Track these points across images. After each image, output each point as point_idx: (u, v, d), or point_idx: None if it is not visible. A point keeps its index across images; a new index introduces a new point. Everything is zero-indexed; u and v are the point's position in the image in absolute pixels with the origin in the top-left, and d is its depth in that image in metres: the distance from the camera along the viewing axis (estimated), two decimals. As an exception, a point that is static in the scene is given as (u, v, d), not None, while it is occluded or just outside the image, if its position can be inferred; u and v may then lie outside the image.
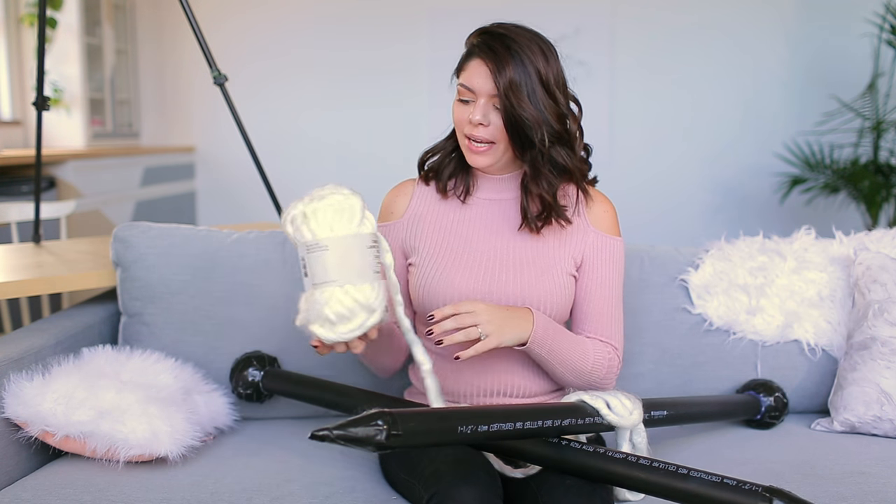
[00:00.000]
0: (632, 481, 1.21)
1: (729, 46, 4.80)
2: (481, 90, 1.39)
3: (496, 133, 1.40)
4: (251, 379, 1.69)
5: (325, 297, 1.21)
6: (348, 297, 1.20)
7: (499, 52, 1.37)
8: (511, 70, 1.36)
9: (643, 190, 4.85)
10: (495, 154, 1.43)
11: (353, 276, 1.20)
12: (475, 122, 1.39)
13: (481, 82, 1.39)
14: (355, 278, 1.20)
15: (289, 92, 5.04)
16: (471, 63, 1.41)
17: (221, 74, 2.37)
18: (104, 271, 1.84)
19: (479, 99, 1.40)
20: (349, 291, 1.20)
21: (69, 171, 3.81)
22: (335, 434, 1.02)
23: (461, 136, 1.44)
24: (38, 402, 1.41)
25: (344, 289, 1.20)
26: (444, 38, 4.75)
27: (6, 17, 4.23)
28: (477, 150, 1.42)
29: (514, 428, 1.18)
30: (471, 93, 1.40)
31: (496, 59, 1.37)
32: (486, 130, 1.40)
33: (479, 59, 1.39)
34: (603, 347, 1.47)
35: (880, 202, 4.06)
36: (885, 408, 1.66)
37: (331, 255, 1.20)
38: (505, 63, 1.36)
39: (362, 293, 1.21)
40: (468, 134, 1.42)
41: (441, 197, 1.53)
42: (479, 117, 1.39)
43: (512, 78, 1.36)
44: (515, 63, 1.36)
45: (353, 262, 1.20)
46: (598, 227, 1.50)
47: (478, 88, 1.39)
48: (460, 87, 1.42)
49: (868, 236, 1.90)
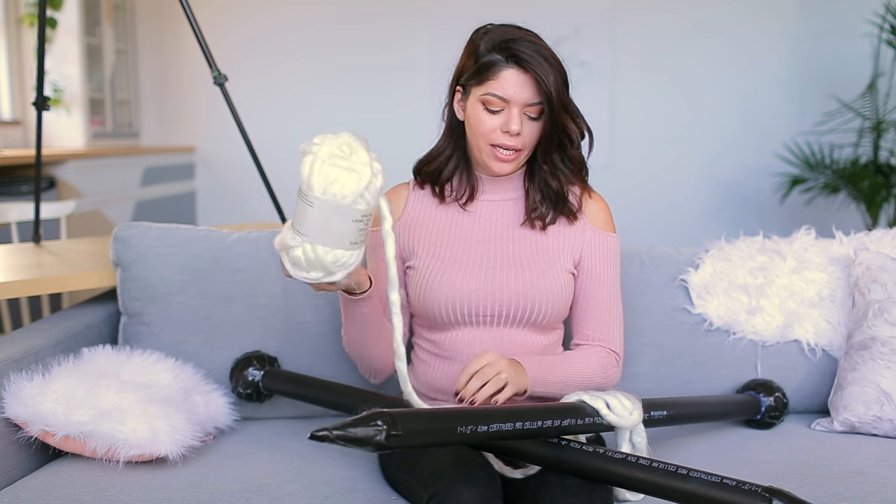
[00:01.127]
0: (631, 481, 1.21)
1: (729, 46, 4.81)
2: (516, 99, 1.38)
3: (527, 141, 1.41)
4: (251, 378, 1.69)
5: (295, 242, 1.23)
6: (312, 253, 1.22)
7: (536, 60, 1.36)
8: (552, 79, 1.36)
9: (643, 189, 4.86)
10: (520, 160, 1.44)
11: (324, 238, 1.21)
12: (514, 132, 1.39)
13: (518, 91, 1.38)
14: (326, 241, 1.22)
15: (289, 92, 5.04)
16: (503, 73, 1.38)
17: (221, 74, 2.37)
18: (104, 271, 1.84)
19: (511, 108, 1.39)
20: (316, 249, 1.22)
21: (69, 171, 3.81)
22: (335, 434, 1.03)
23: (484, 143, 1.43)
24: (38, 402, 1.41)
25: (312, 245, 1.22)
26: (444, 39, 4.75)
27: (6, 17, 4.24)
28: (507, 159, 1.42)
29: (513, 428, 1.18)
30: (503, 102, 1.39)
31: (536, 69, 1.36)
32: (517, 139, 1.40)
33: (514, 68, 1.38)
34: (598, 352, 1.48)
35: (880, 202, 4.06)
36: (885, 408, 1.66)
37: (314, 212, 1.20)
38: (546, 73, 1.36)
39: (327, 255, 1.22)
40: (498, 143, 1.41)
41: (438, 201, 1.53)
42: (516, 127, 1.38)
43: (558, 87, 1.37)
44: (553, 70, 1.37)
45: (331, 228, 1.21)
46: (594, 225, 1.51)
47: (513, 98, 1.38)
48: (489, 96, 1.39)
49: (868, 236, 1.90)
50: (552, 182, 1.46)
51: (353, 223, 1.21)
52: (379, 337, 1.47)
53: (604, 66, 4.85)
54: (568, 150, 1.44)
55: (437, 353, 1.50)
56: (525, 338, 1.48)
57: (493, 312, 1.46)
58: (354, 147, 1.21)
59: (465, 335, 1.48)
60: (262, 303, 1.77)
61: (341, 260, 1.23)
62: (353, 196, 1.19)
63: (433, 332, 1.51)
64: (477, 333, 1.47)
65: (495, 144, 1.42)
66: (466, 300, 1.45)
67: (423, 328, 1.54)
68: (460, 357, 1.48)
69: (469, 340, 1.47)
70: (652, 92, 4.89)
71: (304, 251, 1.22)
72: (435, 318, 1.48)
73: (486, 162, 1.45)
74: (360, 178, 1.19)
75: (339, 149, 1.21)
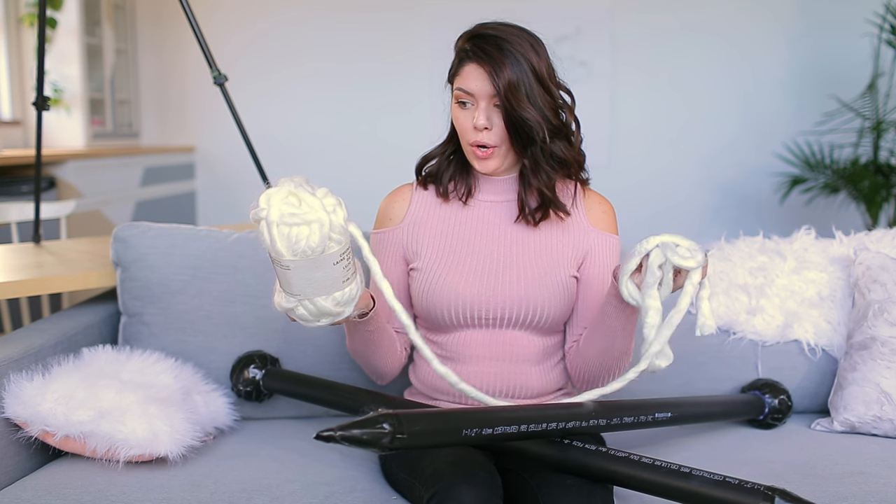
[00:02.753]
0: (633, 480, 1.21)
1: (729, 46, 4.81)
2: (480, 93, 1.39)
3: (500, 134, 1.40)
4: (252, 377, 1.69)
5: (291, 304, 1.24)
6: (313, 307, 1.23)
7: (492, 53, 1.36)
8: (508, 70, 1.36)
9: (643, 189, 4.86)
10: (500, 156, 1.43)
11: (316, 290, 1.21)
12: (480, 126, 1.39)
13: (479, 85, 1.38)
14: (320, 292, 1.21)
15: (289, 92, 5.04)
16: (465, 67, 1.40)
17: (221, 74, 2.36)
18: (104, 271, 1.84)
19: (479, 102, 1.39)
20: (315, 303, 1.23)
21: (69, 171, 3.81)
22: (340, 435, 1.03)
23: (465, 143, 1.44)
24: (38, 402, 1.41)
25: (310, 301, 1.22)
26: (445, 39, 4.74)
27: (6, 17, 4.23)
28: (485, 156, 1.42)
29: (518, 430, 1.18)
30: (469, 96, 1.40)
31: (491, 61, 1.36)
32: (490, 134, 1.40)
33: (473, 62, 1.39)
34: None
35: (880, 202, 4.06)
36: (885, 408, 1.66)
37: (294, 273, 1.19)
38: (501, 64, 1.36)
39: (327, 302, 1.23)
40: (474, 141, 1.42)
41: (442, 201, 1.53)
42: (483, 121, 1.39)
43: (510, 79, 1.36)
44: (510, 62, 1.36)
45: (317, 280, 1.20)
46: (598, 227, 1.51)
47: (476, 91, 1.39)
48: (458, 91, 1.41)
49: (868, 236, 1.90)
50: (534, 180, 1.44)
51: (335, 265, 1.20)
52: (385, 349, 1.48)
53: (604, 66, 4.85)
54: (543, 145, 1.40)
55: (439, 353, 1.50)
56: (527, 340, 1.48)
57: (495, 315, 1.46)
58: (300, 195, 1.18)
59: (467, 336, 1.48)
60: (263, 303, 1.77)
61: (344, 298, 1.23)
62: (320, 244, 1.17)
63: (435, 334, 1.51)
64: (479, 335, 1.47)
65: (472, 143, 1.42)
66: (469, 303, 1.45)
67: (425, 329, 1.54)
68: (462, 358, 1.48)
69: (471, 342, 1.47)
70: (652, 92, 4.89)
71: (306, 308, 1.23)
72: (437, 320, 1.48)
73: (474, 162, 1.45)
74: (319, 225, 1.16)
75: (286, 204, 1.17)
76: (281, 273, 1.21)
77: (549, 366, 1.51)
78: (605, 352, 1.42)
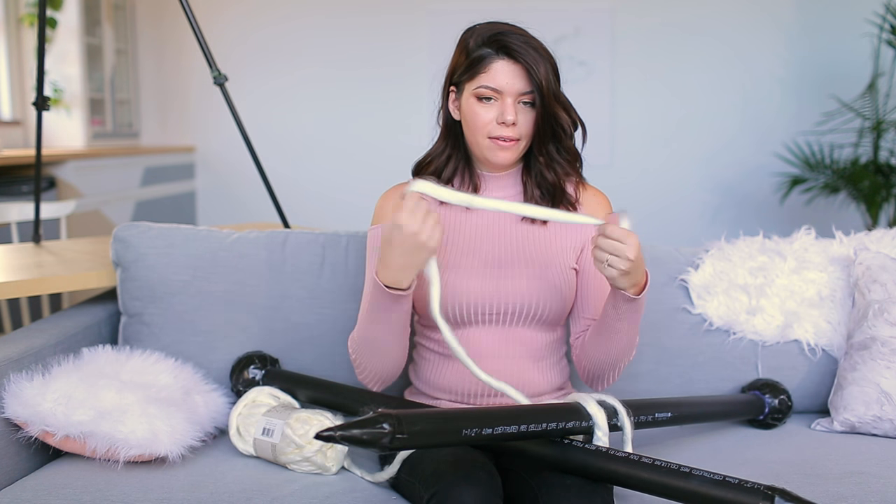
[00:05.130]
0: (633, 480, 1.21)
1: (729, 46, 4.81)
2: (509, 90, 1.40)
3: (523, 130, 1.43)
4: (252, 377, 1.69)
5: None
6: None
7: (526, 52, 1.39)
8: (542, 68, 1.39)
9: (643, 189, 4.86)
10: (519, 150, 1.45)
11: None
12: (510, 122, 1.41)
13: (510, 82, 1.40)
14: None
15: (289, 92, 5.04)
16: (494, 65, 1.40)
17: (221, 74, 2.36)
18: (104, 271, 1.84)
19: (505, 98, 1.41)
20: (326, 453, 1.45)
21: (69, 171, 3.81)
22: (340, 435, 1.03)
23: (482, 137, 1.44)
24: (38, 402, 1.41)
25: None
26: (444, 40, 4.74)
27: (6, 17, 4.24)
28: (507, 146, 1.44)
29: (518, 430, 1.18)
30: (495, 92, 1.41)
31: (526, 59, 1.39)
32: (514, 129, 1.42)
33: (504, 59, 1.40)
34: None
35: (880, 202, 4.06)
36: (885, 408, 1.66)
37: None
38: (536, 62, 1.39)
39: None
40: (495, 135, 1.43)
41: (440, 201, 1.53)
42: (511, 117, 1.40)
43: (547, 76, 1.39)
44: (543, 60, 1.40)
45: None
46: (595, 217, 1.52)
47: (506, 88, 1.40)
48: (482, 89, 1.41)
49: (868, 236, 1.90)
50: (548, 174, 1.47)
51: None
52: (402, 338, 1.45)
53: (604, 66, 4.85)
54: (563, 141, 1.45)
55: (440, 351, 1.50)
56: (530, 335, 1.48)
57: (498, 311, 1.46)
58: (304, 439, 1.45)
59: (469, 334, 1.47)
60: (262, 303, 1.77)
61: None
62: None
63: (437, 331, 1.51)
64: (481, 332, 1.47)
65: (493, 137, 1.43)
66: (472, 301, 1.45)
67: (426, 327, 1.54)
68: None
69: (473, 339, 1.47)
70: (652, 92, 4.89)
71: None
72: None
73: (485, 155, 1.45)
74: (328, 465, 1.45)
75: (301, 444, 1.44)
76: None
77: (549, 363, 1.52)
78: (613, 351, 1.44)
